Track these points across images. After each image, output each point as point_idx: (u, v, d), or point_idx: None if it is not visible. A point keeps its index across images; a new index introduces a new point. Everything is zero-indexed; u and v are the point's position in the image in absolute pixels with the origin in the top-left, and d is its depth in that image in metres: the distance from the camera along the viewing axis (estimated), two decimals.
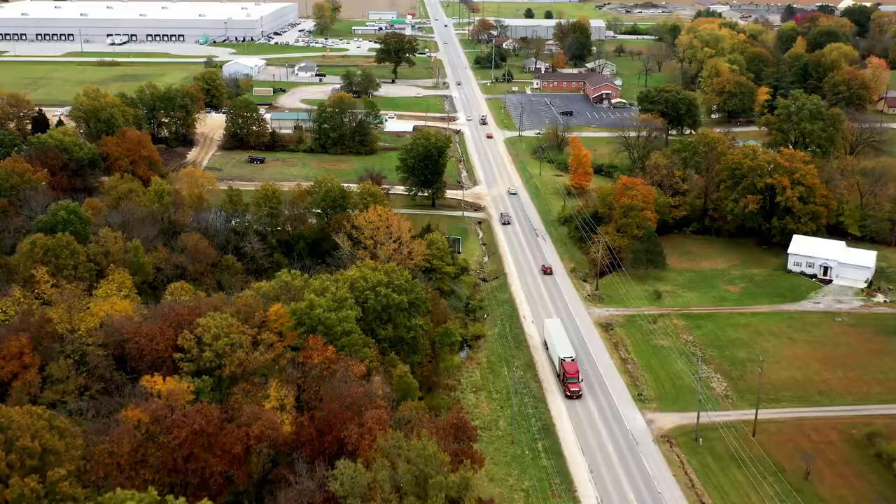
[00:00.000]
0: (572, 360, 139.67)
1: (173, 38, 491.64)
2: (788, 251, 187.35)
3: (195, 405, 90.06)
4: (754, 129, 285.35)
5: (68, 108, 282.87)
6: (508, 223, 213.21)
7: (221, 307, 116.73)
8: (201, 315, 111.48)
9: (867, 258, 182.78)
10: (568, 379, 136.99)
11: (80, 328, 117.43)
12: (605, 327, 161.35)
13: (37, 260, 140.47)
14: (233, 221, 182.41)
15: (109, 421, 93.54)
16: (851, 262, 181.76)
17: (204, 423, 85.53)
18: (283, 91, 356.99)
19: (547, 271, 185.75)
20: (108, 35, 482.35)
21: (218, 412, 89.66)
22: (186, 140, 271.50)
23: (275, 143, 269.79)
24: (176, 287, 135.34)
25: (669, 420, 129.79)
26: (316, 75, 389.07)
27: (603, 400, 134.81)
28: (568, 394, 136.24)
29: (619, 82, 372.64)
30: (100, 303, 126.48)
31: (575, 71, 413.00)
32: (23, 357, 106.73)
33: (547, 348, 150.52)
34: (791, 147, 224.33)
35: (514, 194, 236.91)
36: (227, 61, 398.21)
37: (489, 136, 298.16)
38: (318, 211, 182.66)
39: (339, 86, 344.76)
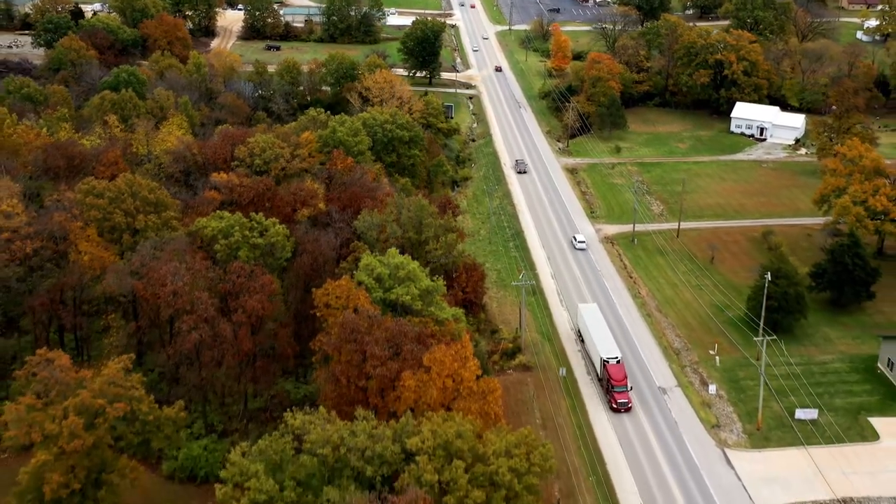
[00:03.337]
0: (618, 362, 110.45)
1: None
2: (731, 115, 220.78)
3: (255, 177, 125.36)
4: (723, 22, 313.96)
5: (98, 4, 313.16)
6: (525, 172, 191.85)
7: (265, 132, 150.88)
8: (251, 136, 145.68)
9: (797, 120, 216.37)
10: (615, 387, 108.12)
11: (155, 150, 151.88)
12: (572, 171, 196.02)
13: (106, 111, 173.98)
14: (259, 91, 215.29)
15: (193, 198, 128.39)
16: (783, 124, 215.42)
17: (263, 187, 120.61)
18: None
19: (498, 69, 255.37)
20: None
21: (273, 183, 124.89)
22: (209, 31, 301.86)
23: (288, 34, 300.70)
24: (222, 127, 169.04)
25: (613, 229, 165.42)
26: None
27: (562, 215, 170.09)
28: (614, 406, 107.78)
29: None
30: (166, 135, 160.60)
31: None
32: (117, 164, 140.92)
33: (582, 341, 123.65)
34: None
35: (499, 70, 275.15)
36: None
37: (472, 6, 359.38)
38: (332, 82, 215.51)
39: None
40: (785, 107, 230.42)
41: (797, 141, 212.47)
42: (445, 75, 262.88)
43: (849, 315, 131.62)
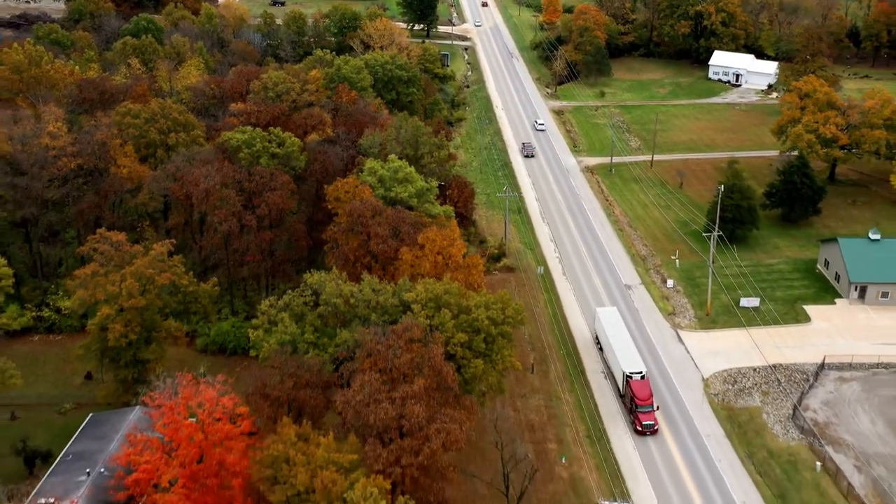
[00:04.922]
0: (643, 378, 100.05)
1: None
2: (709, 63, 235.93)
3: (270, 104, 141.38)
4: None
5: None
6: (532, 155, 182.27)
7: (276, 71, 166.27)
8: (264, 73, 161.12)
9: (770, 67, 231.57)
10: (639, 407, 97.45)
11: (177, 86, 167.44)
12: (558, 113, 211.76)
13: (128, 55, 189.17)
14: (267, 41, 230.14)
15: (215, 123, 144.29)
16: (757, 70, 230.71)
17: (279, 111, 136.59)
18: None
19: (484, 4, 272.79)
20: None
21: (287, 108, 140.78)
22: None
23: None
24: (237, 67, 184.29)
25: (594, 161, 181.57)
26: None
27: (548, 151, 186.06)
28: (639, 429, 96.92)
29: None
30: (186, 74, 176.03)
31: None
32: (145, 97, 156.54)
33: (600, 348, 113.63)
34: None
35: (485, 6, 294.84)
36: None
37: None
38: (336, 31, 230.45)
39: None
40: (761, 55, 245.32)
41: (770, 86, 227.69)
42: (443, 29, 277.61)
43: (797, 228, 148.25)
